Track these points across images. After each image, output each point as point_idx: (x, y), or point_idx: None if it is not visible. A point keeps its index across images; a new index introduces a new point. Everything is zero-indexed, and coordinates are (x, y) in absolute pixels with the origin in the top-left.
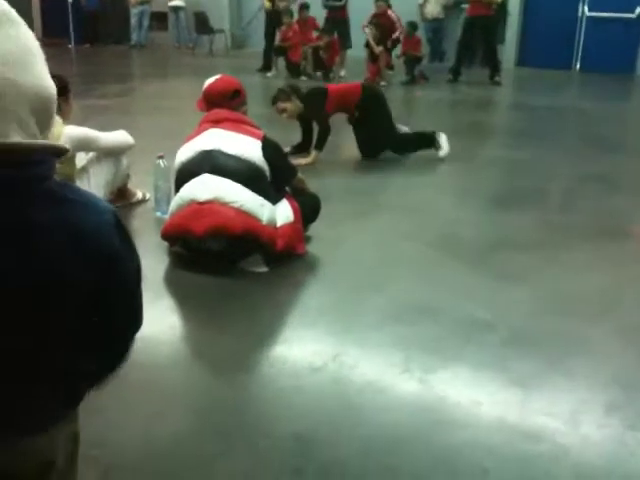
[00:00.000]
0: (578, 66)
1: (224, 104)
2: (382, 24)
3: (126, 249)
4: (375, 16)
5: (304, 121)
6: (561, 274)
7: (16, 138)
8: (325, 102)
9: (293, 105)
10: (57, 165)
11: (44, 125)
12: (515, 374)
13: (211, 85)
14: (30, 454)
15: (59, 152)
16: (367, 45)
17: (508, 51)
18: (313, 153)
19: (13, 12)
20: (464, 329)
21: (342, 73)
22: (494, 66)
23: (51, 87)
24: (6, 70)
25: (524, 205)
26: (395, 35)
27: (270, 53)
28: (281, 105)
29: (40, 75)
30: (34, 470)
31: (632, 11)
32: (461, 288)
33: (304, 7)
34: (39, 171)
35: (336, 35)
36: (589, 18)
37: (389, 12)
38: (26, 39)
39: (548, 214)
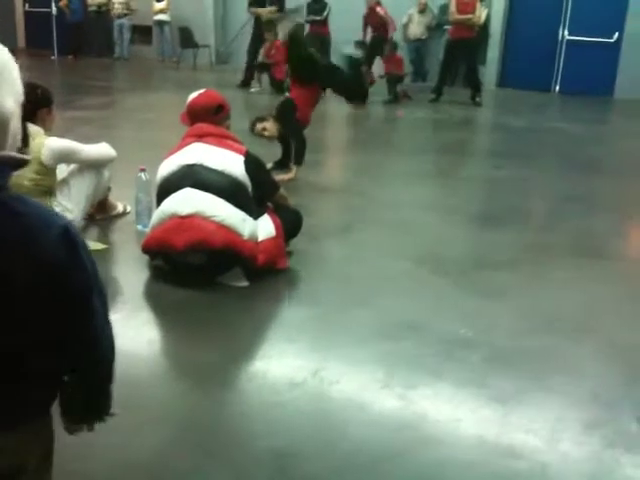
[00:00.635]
0: (557, 88)
1: (207, 119)
2: (374, 25)
3: (75, 262)
4: (365, 18)
5: (281, 136)
6: (542, 292)
7: None
8: (294, 113)
9: (271, 124)
10: (37, 177)
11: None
12: (495, 391)
13: (195, 99)
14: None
15: (15, 163)
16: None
17: (489, 72)
18: (293, 168)
19: None
20: (446, 346)
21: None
22: (475, 87)
23: (5, 107)
24: None
25: (505, 224)
26: (390, 35)
27: (252, 69)
28: (259, 125)
29: None
30: (3, 471)
31: (610, 36)
32: (444, 305)
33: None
34: None
35: None
36: (569, 41)
37: (378, 9)
38: None
39: (529, 233)
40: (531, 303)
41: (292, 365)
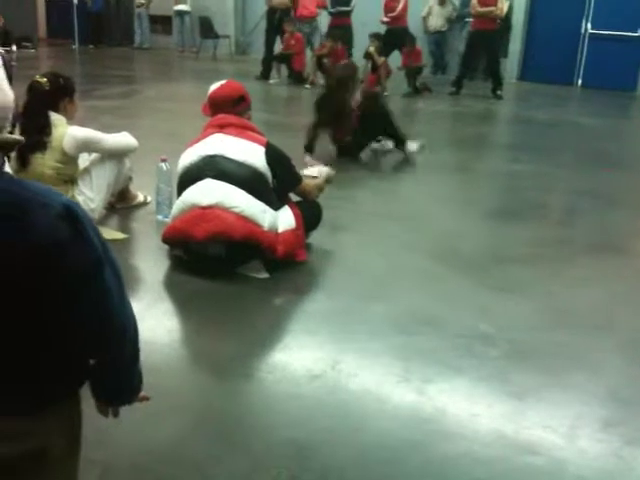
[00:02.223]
0: (580, 82)
1: (229, 109)
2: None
3: (78, 239)
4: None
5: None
6: (561, 287)
7: None
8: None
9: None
10: (59, 165)
11: None
12: (514, 387)
13: (216, 90)
14: (17, 438)
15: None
16: (366, 56)
17: (511, 65)
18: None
19: None
20: (464, 341)
21: None
22: (496, 80)
23: (11, 96)
24: None
25: (524, 218)
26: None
27: (269, 61)
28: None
29: (3, 86)
30: (26, 457)
31: (635, 30)
32: (462, 299)
33: None
34: None
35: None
36: (592, 35)
37: None
38: None
39: (548, 228)
40: (550, 298)
41: (311, 357)
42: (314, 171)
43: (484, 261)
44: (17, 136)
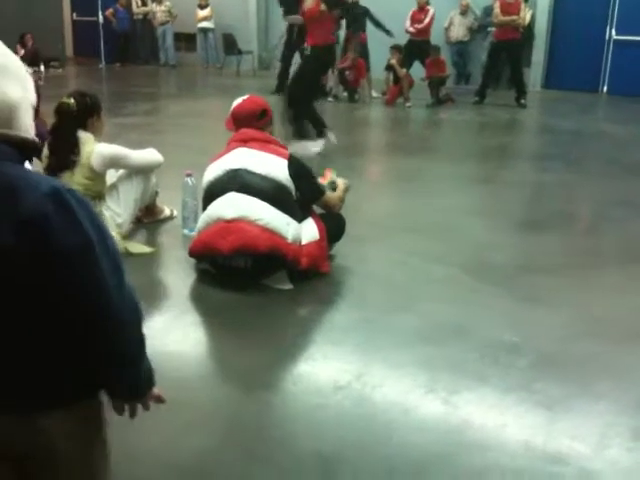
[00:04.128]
0: (605, 89)
1: (252, 124)
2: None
3: (65, 222)
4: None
5: None
6: (589, 297)
7: None
8: None
9: None
10: (87, 182)
11: (3, 124)
12: (542, 397)
13: (239, 105)
14: (30, 433)
15: (22, 144)
16: (388, 68)
17: (534, 73)
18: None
19: None
20: (491, 351)
21: (374, 94)
22: (520, 89)
23: (11, 97)
24: None
25: (552, 228)
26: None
27: (285, 76)
28: None
29: (4, 86)
30: (32, 455)
31: None
32: (489, 310)
33: None
34: None
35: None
36: (616, 41)
37: (428, 7)
38: None
39: (576, 237)
40: (578, 308)
41: (336, 368)
42: (328, 177)
43: (512, 271)
44: (34, 137)
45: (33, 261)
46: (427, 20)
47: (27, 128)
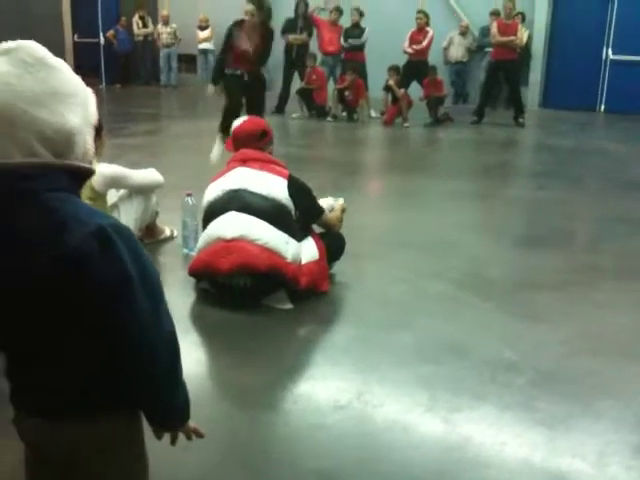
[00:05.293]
0: (603, 107)
1: (252, 144)
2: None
3: (106, 260)
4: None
5: None
6: (588, 314)
7: (18, 158)
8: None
9: None
10: (89, 202)
11: (61, 152)
12: (541, 415)
13: (240, 126)
14: (57, 438)
15: (76, 172)
16: (386, 88)
17: (532, 93)
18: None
19: (49, 58)
20: (490, 369)
21: (372, 114)
22: (518, 107)
23: (70, 124)
24: (24, 105)
25: (550, 245)
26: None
27: (286, 96)
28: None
29: (60, 113)
30: (56, 456)
31: None
32: (487, 327)
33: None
34: (31, 184)
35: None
36: (613, 61)
37: (427, 29)
38: (59, 83)
39: (573, 254)
40: (576, 325)
41: (336, 387)
42: (328, 201)
43: (510, 288)
44: (88, 165)
45: (72, 293)
46: (426, 42)
47: (85, 154)
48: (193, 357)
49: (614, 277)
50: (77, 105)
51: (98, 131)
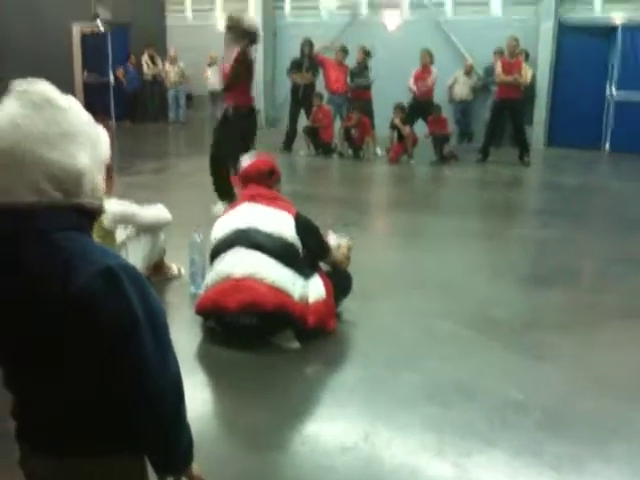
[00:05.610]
0: (608, 146)
1: (260, 182)
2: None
3: (113, 300)
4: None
5: None
6: (595, 354)
7: (28, 198)
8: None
9: None
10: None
11: (70, 192)
12: (551, 458)
13: (248, 164)
14: (66, 475)
15: (85, 210)
16: (392, 126)
17: (537, 132)
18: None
19: (59, 99)
20: (498, 411)
21: (378, 151)
22: (523, 146)
23: (80, 164)
24: (33, 145)
25: (555, 284)
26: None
27: (293, 134)
28: None
29: (70, 153)
30: None
31: None
32: (495, 368)
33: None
34: (41, 224)
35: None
36: (617, 99)
37: (432, 68)
38: (68, 124)
39: (580, 294)
40: (583, 365)
41: (343, 428)
42: (334, 239)
43: (516, 328)
44: (96, 204)
45: (78, 332)
46: (430, 81)
47: (95, 192)
48: (199, 397)
49: (619, 317)
50: (86, 144)
51: (108, 170)
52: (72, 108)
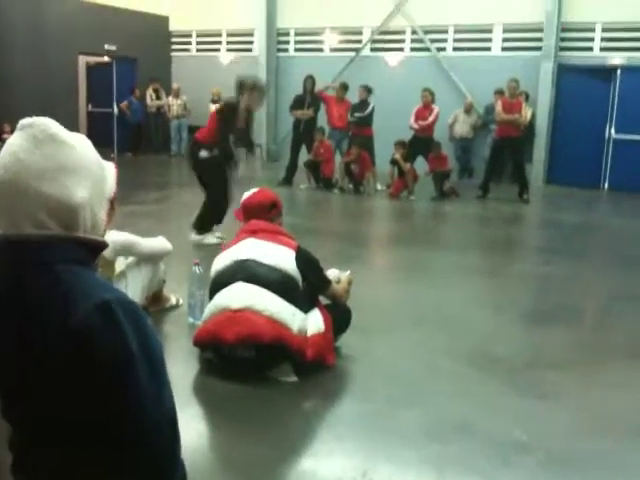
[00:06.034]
0: (607, 185)
1: (261, 216)
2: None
3: (109, 335)
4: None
5: None
6: (597, 393)
7: (29, 230)
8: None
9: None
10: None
11: (69, 225)
12: None
13: (249, 197)
14: None
15: (85, 244)
16: (392, 162)
17: (536, 169)
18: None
19: (61, 134)
20: (499, 449)
21: (379, 187)
22: (523, 184)
23: (78, 197)
24: (32, 179)
25: (557, 322)
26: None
27: (293, 169)
28: None
29: (68, 187)
30: None
31: None
32: (496, 406)
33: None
34: (42, 255)
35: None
36: (616, 140)
37: (433, 106)
38: (67, 159)
39: (581, 332)
40: (586, 404)
41: (341, 464)
42: (334, 273)
43: (518, 366)
44: (100, 237)
45: (74, 367)
46: (431, 118)
47: (95, 227)
48: (195, 430)
49: (622, 355)
50: (87, 179)
51: (112, 203)
52: (75, 144)
